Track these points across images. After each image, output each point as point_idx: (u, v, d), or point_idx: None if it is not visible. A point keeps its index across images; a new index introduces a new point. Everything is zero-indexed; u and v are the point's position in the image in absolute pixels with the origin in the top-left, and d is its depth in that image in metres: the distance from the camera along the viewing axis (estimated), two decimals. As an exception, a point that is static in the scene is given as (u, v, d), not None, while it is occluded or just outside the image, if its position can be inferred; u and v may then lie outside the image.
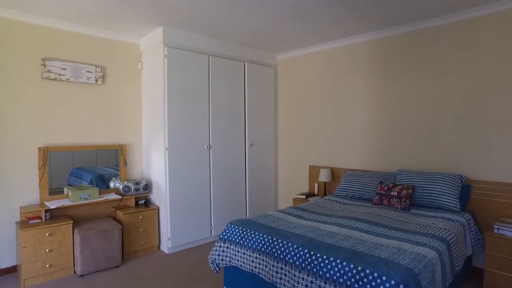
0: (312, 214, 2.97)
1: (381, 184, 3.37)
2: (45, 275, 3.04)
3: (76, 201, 3.32)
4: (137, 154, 4.09)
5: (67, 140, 3.55)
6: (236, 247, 2.56)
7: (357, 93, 4.04)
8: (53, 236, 3.06)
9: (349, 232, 2.42)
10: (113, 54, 3.85)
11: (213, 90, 4.05)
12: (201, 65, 3.92)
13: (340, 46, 4.17)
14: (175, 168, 3.72)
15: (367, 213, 2.92)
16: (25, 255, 2.93)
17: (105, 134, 3.82)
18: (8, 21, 3.16)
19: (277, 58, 4.92)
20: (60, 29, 3.46)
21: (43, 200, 3.34)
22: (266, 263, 2.33)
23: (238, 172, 4.38)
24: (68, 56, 3.52)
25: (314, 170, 4.46)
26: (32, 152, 3.31)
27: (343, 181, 3.83)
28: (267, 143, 4.79)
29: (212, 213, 4.09)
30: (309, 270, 2.09)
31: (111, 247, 3.27)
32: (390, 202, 3.18)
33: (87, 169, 3.68)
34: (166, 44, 3.62)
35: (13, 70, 3.21)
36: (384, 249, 2.05)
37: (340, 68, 4.20)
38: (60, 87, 3.49)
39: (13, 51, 3.20)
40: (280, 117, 4.97)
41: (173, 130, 3.69)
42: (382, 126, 3.83)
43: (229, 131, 4.25)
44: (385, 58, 3.77)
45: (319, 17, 3.33)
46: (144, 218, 3.68)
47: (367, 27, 3.63)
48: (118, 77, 3.90)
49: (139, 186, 3.76)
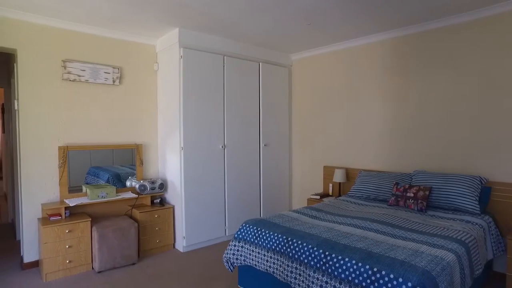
0: (326, 214, 2.96)
1: (396, 185, 3.33)
2: (65, 270, 3.13)
3: (94, 199, 3.40)
4: (153, 154, 4.16)
5: (86, 139, 3.63)
6: (251, 247, 2.57)
7: (373, 93, 4.00)
8: (72, 233, 3.14)
9: (365, 233, 2.40)
10: (130, 55, 3.92)
11: (228, 90, 4.08)
12: (216, 66, 3.95)
13: (355, 45, 4.13)
14: (190, 168, 3.76)
15: (382, 214, 2.89)
16: (47, 250, 3.02)
17: (121, 134, 3.89)
18: (31, 25, 3.26)
19: (291, 58, 4.91)
20: (80, 32, 3.55)
21: (63, 198, 3.43)
22: (280, 263, 2.34)
23: (252, 172, 4.40)
24: (87, 57, 3.60)
25: (328, 171, 4.44)
26: (53, 151, 3.41)
27: (358, 182, 3.80)
28: (281, 143, 4.79)
29: (227, 212, 4.11)
30: (324, 270, 2.09)
31: (128, 245, 3.34)
32: (406, 203, 3.14)
33: (104, 168, 3.76)
34: (181, 45, 3.67)
35: (35, 72, 3.31)
36: (401, 251, 2.03)
37: (355, 68, 4.17)
38: (79, 88, 3.58)
39: (36, 54, 3.30)
40: (294, 117, 4.96)
41: (188, 130, 3.73)
42: (397, 127, 3.78)
43: (243, 131, 4.27)
44: (401, 58, 3.72)
45: (334, 16, 3.32)
46: (159, 216, 3.73)
47: (382, 26, 3.60)
48: (135, 77, 3.98)
49: (154, 185, 3.82)
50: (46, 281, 3.03)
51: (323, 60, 4.53)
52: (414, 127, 3.64)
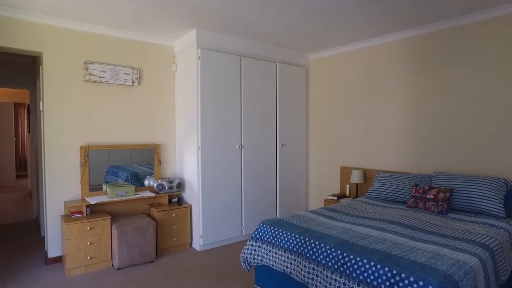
0: (344, 215, 2.93)
1: (416, 187, 3.26)
2: (86, 266, 3.21)
3: (113, 197, 3.48)
4: (171, 153, 4.22)
5: (106, 139, 3.72)
6: (268, 247, 2.58)
7: (392, 93, 3.93)
8: (93, 230, 3.23)
9: (383, 234, 2.37)
10: (149, 57, 3.99)
11: (245, 90, 4.10)
12: (233, 66, 3.98)
13: (374, 45, 4.07)
14: (207, 168, 3.80)
15: (401, 216, 2.84)
16: (69, 246, 3.11)
17: (140, 134, 3.97)
18: (56, 29, 3.37)
19: (308, 58, 4.89)
20: (101, 34, 3.64)
21: (84, 196, 3.52)
22: (298, 263, 2.33)
23: (269, 172, 4.40)
24: (107, 59, 3.69)
25: (345, 171, 4.39)
26: (75, 150, 3.51)
27: (375, 183, 3.74)
28: (298, 144, 4.77)
29: (243, 212, 4.13)
30: (342, 272, 2.07)
31: (146, 243, 3.40)
32: (425, 205, 3.07)
33: (122, 167, 3.84)
34: (199, 46, 3.71)
35: (59, 74, 3.42)
36: (421, 253, 1.99)
37: (373, 67, 4.11)
38: (100, 89, 3.67)
39: (60, 56, 3.41)
40: (311, 117, 4.93)
41: (206, 130, 3.77)
42: (417, 127, 3.71)
43: (260, 132, 4.28)
44: (422, 57, 3.65)
45: (353, 16, 3.28)
46: (177, 215, 3.78)
47: (402, 24, 3.53)
48: (153, 78, 4.04)
49: (172, 185, 3.87)
50: (69, 276, 3.12)
51: (340, 59, 4.49)
52: (434, 128, 3.57)
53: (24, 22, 3.22)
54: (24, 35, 3.23)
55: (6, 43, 3.15)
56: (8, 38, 3.16)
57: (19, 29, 3.20)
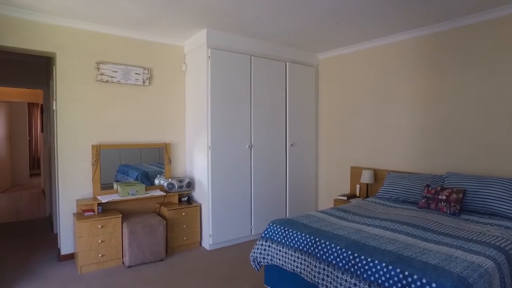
0: (354, 215, 2.91)
1: (427, 187, 3.22)
2: (98, 263, 3.26)
3: (124, 196, 3.51)
4: (181, 153, 4.24)
5: (117, 138, 3.76)
6: (278, 246, 2.57)
7: (403, 92, 3.89)
8: (104, 228, 3.27)
9: (394, 235, 2.34)
10: (159, 56, 4.02)
11: (255, 90, 4.10)
12: (243, 66, 3.98)
13: (385, 44, 4.03)
14: (217, 167, 3.81)
15: (412, 217, 2.80)
16: (81, 244, 3.16)
17: (151, 133, 4.00)
18: (69, 30, 3.42)
19: (318, 58, 4.87)
20: (113, 34, 3.68)
21: (95, 194, 3.57)
22: (308, 263, 2.32)
23: (278, 171, 4.39)
24: (119, 59, 3.73)
25: (355, 171, 4.36)
26: (87, 149, 3.56)
27: (386, 183, 3.70)
28: (308, 143, 4.75)
29: (253, 212, 4.13)
30: (353, 272, 2.05)
31: (156, 242, 3.43)
32: (437, 206, 3.03)
33: (133, 166, 3.88)
34: (209, 46, 3.72)
35: (72, 74, 3.47)
36: (433, 255, 1.96)
37: (384, 66, 4.07)
38: (111, 89, 3.71)
39: (73, 56, 3.46)
40: (321, 117, 4.91)
41: (216, 130, 3.78)
42: (429, 127, 3.66)
43: (270, 131, 4.28)
44: (434, 55, 3.59)
45: (364, 15, 3.25)
46: (187, 214, 3.81)
47: (414, 23, 3.49)
48: (164, 78, 4.07)
49: (182, 184, 3.90)
50: (81, 273, 3.17)
51: (350, 59, 4.46)
52: (446, 127, 3.51)
53: (38, 24, 3.27)
54: (38, 36, 3.29)
55: (21, 44, 3.21)
56: (22, 39, 3.22)
57: (33, 31, 3.26)
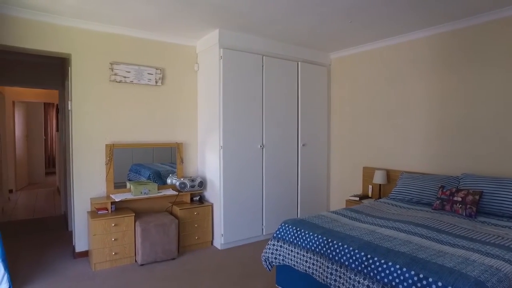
0: (367, 216, 2.88)
1: (442, 188, 3.16)
2: (111, 261, 3.30)
3: (137, 195, 3.55)
4: (193, 152, 4.27)
5: (129, 138, 3.81)
6: (290, 246, 2.56)
7: (417, 92, 3.82)
8: (118, 227, 3.31)
9: (408, 237, 2.31)
10: (172, 57, 4.05)
11: (267, 90, 4.10)
12: (255, 66, 3.98)
13: (399, 42, 3.97)
14: (229, 167, 3.82)
15: (426, 218, 2.75)
16: (95, 242, 3.21)
17: (163, 133, 4.03)
18: (84, 31, 3.48)
19: (330, 57, 4.83)
20: (126, 35, 3.72)
21: (109, 193, 3.62)
22: (320, 264, 2.31)
23: (290, 172, 4.38)
24: (132, 59, 3.77)
25: (368, 172, 4.31)
26: (101, 149, 3.61)
27: (399, 184, 3.65)
28: (320, 143, 4.72)
29: (264, 211, 4.13)
30: (366, 274, 2.03)
31: (168, 240, 3.45)
32: (453, 208, 2.97)
33: (145, 166, 3.92)
34: (221, 46, 3.73)
35: (87, 74, 3.52)
36: (449, 258, 1.92)
37: (398, 65, 4.01)
38: (125, 89, 3.75)
39: (87, 57, 3.52)
40: (333, 116, 4.87)
41: (228, 129, 3.79)
42: (444, 127, 3.59)
43: (282, 131, 4.27)
44: (450, 54, 3.52)
45: (377, 13, 3.21)
46: (198, 214, 3.83)
47: (429, 21, 3.42)
48: (176, 78, 4.10)
49: (194, 183, 3.92)
50: (95, 270, 3.22)
51: (363, 58, 4.41)
52: (462, 127, 3.44)
53: (54, 26, 3.34)
54: (54, 38, 3.35)
55: (38, 45, 3.29)
56: (39, 41, 3.29)
57: (49, 32, 3.32)
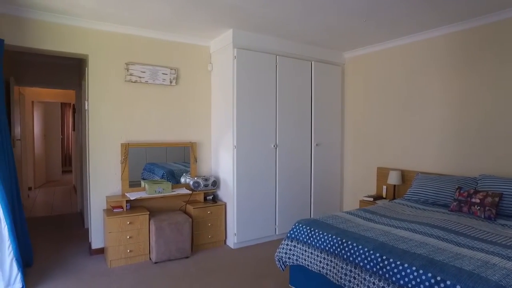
0: (382, 217, 2.84)
1: (459, 190, 3.09)
2: (126, 258, 3.35)
3: (151, 194, 3.60)
4: (206, 152, 4.29)
5: (144, 137, 3.86)
6: (304, 247, 2.55)
7: (434, 91, 3.76)
8: (132, 225, 3.36)
9: (424, 238, 2.27)
10: (186, 57, 4.09)
11: (280, 89, 4.09)
12: (268, 65, 3.98)
13: (415, 41, 3.90)
14: (242, 166, 3.83)
15: (443, 220, 2.70)
16: (111, 239, 3.26)
17: (177, 132, 4.07)
18: (101, 32, 3.54)
19: (344, 56, 4.79)
20: (141, 36, 3.77)
21: (124, 192, 3.68)
22: (334, 264, 2.29)
23: (303, 171, 4.36)
24: (147, 60, 3.82)
25: (382, 172, 4.26)
26: (116, 148, 3.67)
27: (415, 185, 3.59)
28: (334, 143, 4.69)
29: (277, 211, 4.13)
30: (381, 275, 2.01)
31: (182, 239, 3.48)
32: (470, 210, 2.91)
33: (159, 165, 3.96)
34: (235, 46, 3.74)
35: (103, 75, 3.59)
36: (467, 261, 1.88)
37: (414, 64, 3.94)
38: (140, 89, 3.80)
39: (103, 58, 3.58)
40: (347, 116, 4.83)
41: (241, 129, 3.80)
42: (461, 127, 3.51)
43: (295, 131, 4.25)
44: (469, 52, 3.44)
45: (393, 11, 3.16)
46: (212, 213, 3.85)
47: (448, 18, 3.35)
48: (190, 78, 4.13)
49: (208, 182, 3.94)
50: (110, 267, 3.27)
51: (378, 57, 4.35)
52: (480, 127, 3.36)
53: (73, 27, 3.41)
54: (73, 39, 3.43)
55: (57, 47, 3.37)
56: (58, 42, 3.36)
57: (68, 34, 3.40)
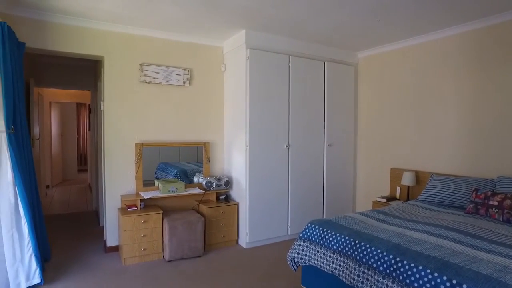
0: (395, 219, 2.81)
1: (476, 192, 3.04)
2: (140, 256, 3.41)
3: (165, 193, 3.64)
4: (219, 152, 4.32)
5: (158, 137, 3.91)
6: (316, 247, 2.55)
7: (449, 91, 3.69)
8: (146, 224, 3.41)
9: (439, 241, 2.23)
10: (199, 57, 4.12)
11: (293, 89, 4.09)
12: (281, 65, 3.98)
13: (429, 40, 3.85)
14: (255, 166, 3.84)
15: (459, 222, 2.65)
16: (125, 237, 3.32)
17: (190, 132, 4.11)
18: (116, 34, 3.61)
19: (358, 56, 4.75)
20: (155, 37, 3.82)
21: (138, 191, 3.74)
22: (347, 266, 2.28)
23: (316, 172, 4.35)
24: (161, 61, 3.87)
25: (396, 173, 4.21)
26: (131, 147, 3.73)
27: (429, 186, 3.54)
28: (346, 144, 4.66)
29: (289, 211, 4.13)
30: (395, 277, 1.99)
31: (195, 238, 3.52)
32: (488, 213, 2.85)
33: (172, 164, 4.01)
34: (248, 46, 3.76)
35: (118, 76, 3.65)
36: (485, 264, 1.85)
37: (428, 64, 3.89)
38: (154, 90, 3.86)
39: (119, 59, 3.64)
40: (360, 116, 4.79)
41: (254, 129, 3.82)
42: (478, 127, 3.44)
43: (308, 131, 4.25)
44: (485, 52, 3.37)
45: (407, 9, 3.13)
46: (224, 212, 3.87)
47: (462, 17, 3.29)
48: (203, 78, 4.17)
49: (220, 182, 3.97)
50: (125, 265, 3.33)
51: (392, 57, 4.31)
52: (498, 128, 3.29)
53: (89, 30, 3.48)
54: (90, 41, 3.50)
55: (75, 49, 3.45)
56: (75, 44, 3.45)
57: (85, 36, 3.48)
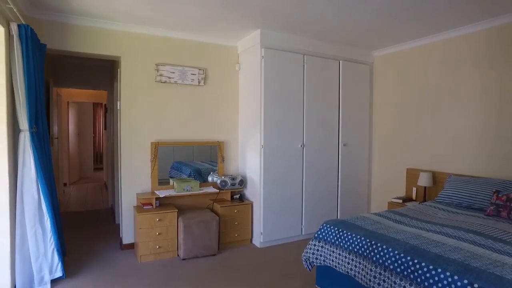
0: (412, 220, 2.76)
1: (497, 193, 2.96)
2: (155, 254, 3.45)
3: (180, 192, 3.68)
4: (233, 151, 4.33)
5: (173, 136, 3.95)
6: (331, 247, 2.53)
7: (469, 90, 3.60)
8: (162, 222, 3.44)
9: (458, 243, 2.18)
10: (214, 57, 4.14)
11: (308, 89, 4.07)
12: (296, 65, 3.97)
13: (449, 37, 3.76)
14: (269, 166, 3.84)
15: (479, 225, 2.59)
16: (141, 235, 3.36)
17: (205, 131, 4.14)
18: (132, 34, 3.66)
19: (373, 55, 4.69)
20: (171, 37, 3.86)
21: (153, 189, 3.78)
22: (363, 266, 2.25)
23: (330, 172, 4.31)
24: (176, 60, 3.91)
25: (412, 173, 4.14)
26: (146, 146, 3.78)
27: (447, 187, 3.47)
28: (361, 143, 4.61)
29: (304, 211, 4.11)
30: (412, 280, 1.96)
31: (209, 237, 3.54)
32: (510, 215, 2.77)
33: (186, 163, 4.04)
34: (263, 46, 3.76)
35: (134, 76, 3.70)
36: (508, 269, 1.79)
37: (447, 62, 3.80)
38: (169, 89, 3.89)
39: (135, 59, 3.70)
40: (375, 116, 4.73)
41: (268, 129, 3.81)
42: (500, 127, 3.35)
43: (322, 131, 4.22)
44: (506, 48, 3.28)
45: (425, 8, 3.06)
46: (238, 212, 3.88)
47: (484, 13, 3.20)
48: (218, 78, 4.19)
49: (235, 181, 3.98)
50: (140, 262, 3.38)
51: (409, 55, 4.23)
52: (520, 128, 3.19)
53: (106, 30, 3.55)
54: (107, 42, 3.56)
55: (93, 50, 3.52)
56: (93, 45, 3.51)
57: (101, 37, 3.54)
